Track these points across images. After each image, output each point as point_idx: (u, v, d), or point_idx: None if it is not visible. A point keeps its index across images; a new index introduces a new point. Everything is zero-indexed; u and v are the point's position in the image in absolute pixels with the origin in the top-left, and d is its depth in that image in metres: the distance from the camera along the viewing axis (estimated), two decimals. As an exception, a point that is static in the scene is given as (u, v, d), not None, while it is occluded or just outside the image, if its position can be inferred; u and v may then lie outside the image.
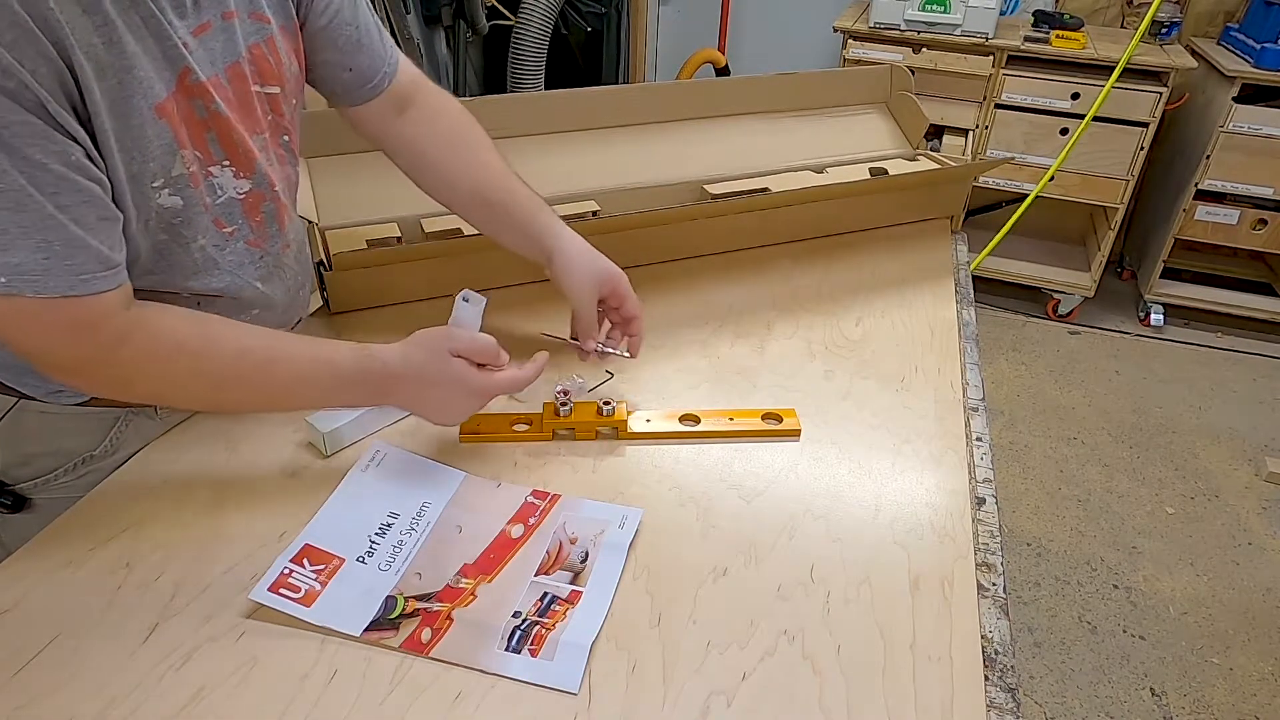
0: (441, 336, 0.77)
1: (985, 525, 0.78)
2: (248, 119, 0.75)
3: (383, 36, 0.89)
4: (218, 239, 0.76)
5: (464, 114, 0.95)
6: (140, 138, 0.65)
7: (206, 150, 0.71)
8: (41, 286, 0.60)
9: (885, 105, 1.48)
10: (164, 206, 0.69)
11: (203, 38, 0.69)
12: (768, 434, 0.88)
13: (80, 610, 0.66)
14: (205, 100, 0.69)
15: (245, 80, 0.74)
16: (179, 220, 0.71)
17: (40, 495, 0.82)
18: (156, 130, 0.66)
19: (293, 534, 0.73)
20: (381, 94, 0.89)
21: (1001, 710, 0.61)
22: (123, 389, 0.70)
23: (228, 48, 0.72)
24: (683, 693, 0.61)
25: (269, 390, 0.74)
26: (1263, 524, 2.12)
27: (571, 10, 3.07)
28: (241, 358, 0.71)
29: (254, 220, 0.79)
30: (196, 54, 0.68)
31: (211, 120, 0.71)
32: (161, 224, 0.70)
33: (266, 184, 0.78)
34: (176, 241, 0.72)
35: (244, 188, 0.76)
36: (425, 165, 0.93)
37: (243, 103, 0.74)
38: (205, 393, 0.72)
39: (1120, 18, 2.93)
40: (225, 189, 0.75)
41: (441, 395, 0.77)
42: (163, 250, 0.72)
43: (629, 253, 1.17)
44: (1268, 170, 2.57)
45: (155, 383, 0.70)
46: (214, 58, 0.71)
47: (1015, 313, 3.02)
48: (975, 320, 1.13)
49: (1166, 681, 1.72)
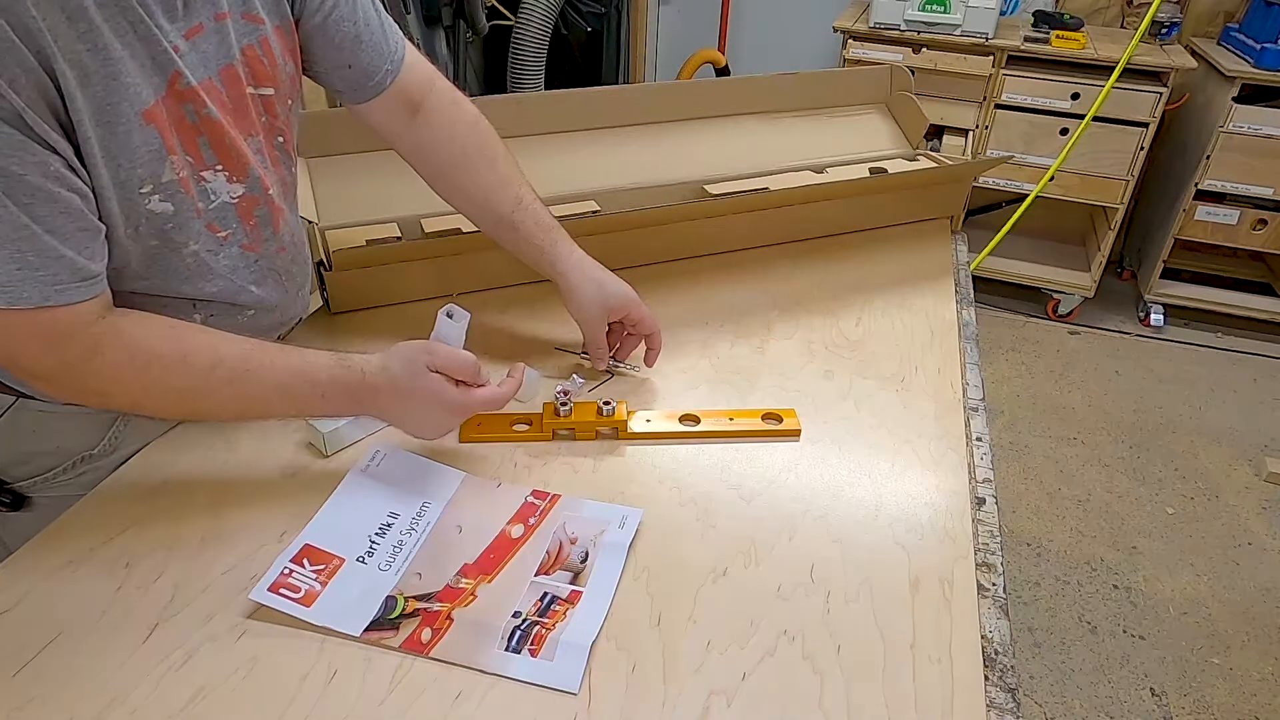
0: (420, 350, 0.76)
1: (985, 525, 0.78)
2: (242, 121, 0.75)
3: (386, 32, 0.87)
4: (211, 244, 0.75)
5: (479, 120, 0.94)
6: (127, 144, 0.64)
7: (199, 155, 0.71)
8: (14, 297, 0.60)
9: (885, 105, 1.48)
10: (154, 212, 0.69)
11: (195, 40, 0.69)
12: (768, 434, 0.88)
13: (80, 610, 0.66)
14: (196, 105, 0.69)
15: (240, 82, 0.74)
16: (170, 226, 0.71)
17: (39, 494, 0.82)
18: (144, 136, 0.65)
19: (293, 534, 0.73)
20: (386, 91, 0.87)
21: (1001, 710, 0.61)
22: (97, 398, 0.70)
23: (221, 49, 0.71)
24: (683, 693, 0.61)
25: (244, 402, 0.72)
26: (1263, 524, 2.12)
27: (571, 10, 3.07)
28: (215, 369, 0.70)
29: (248, 224, 0.78)
30: (188, 57, 0.68)
31: (203, 125, 0.70)
32: (152, 230, 0.70)
33: (260, 187, 0.78)
34: (168, 247, 0.72)
35: (237, 191, 0.76)
36: (439, 174, 0.93)
37: (237, 105, 0.74)
38: (179, 403, 0.72)
39: (1120, 18, 2.93)
40: (219, 194, 0.74)
41: (418, 409, 0.77)
42: (155, 256, 0.72)
43: (629, 253, 1.17)
44: (1268, 170, 2.57)
45: (129, 393, 0.69)
46: (207, 60, 0.70)
47: (1015, 313, 3.02)
48: (975, 320, 1.13)
49: (1166, 681, 1.72)
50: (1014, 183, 2.78)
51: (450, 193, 0.94)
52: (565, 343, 1.02)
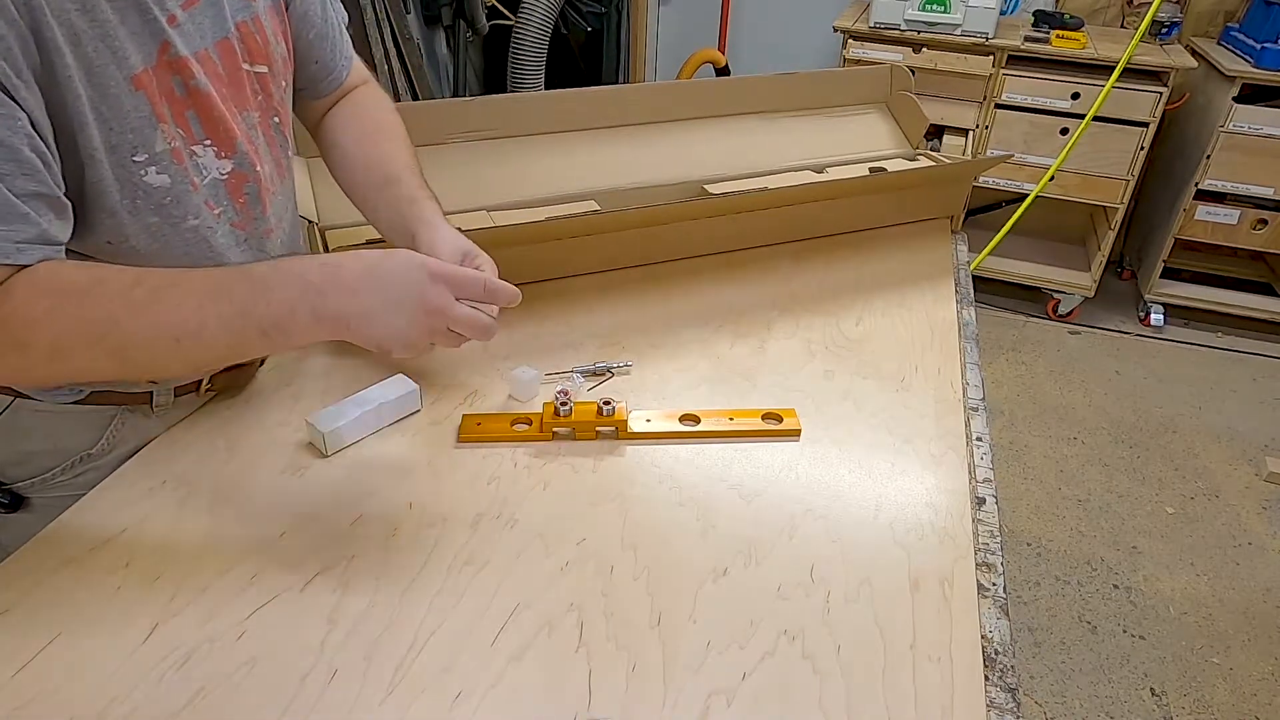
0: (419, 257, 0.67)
1: (985, 525, 0.78)
2: (236, 96, 0.75)
3: (342, 30, 0.92)
4: (210, 220, 0.75)
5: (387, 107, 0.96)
6: (117, 107, 0.64)
7: (188, 128, 0.71)
8: None
9: (885, 105, 1.48)
10: (152, 185, 0.69)
11: (191, 11, 0.69)
12: (768, 434, 0.88)
13: (80, 610, 0.66)
14: (185, 76, 0.69)
15: (235, 56, 0.74)
16: (169, 200, 0.71)
17: (38, 495, 0.82)
18: (134, 101, 0.65)
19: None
20: (338, 88, 0.92)
21: (1001, 710, 0.61)
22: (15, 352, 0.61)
23: (216, 23, 0.72)
24: (683, 693, 0.61)
25: (173, 321, 0.61)
26: (1263, 524, 2.12)
27: (571, 10, 3.07)
28: (134, 288, 0.61)
29: (238, 202, 0.78)
30: (185, 27, 0.68)
31: (191, 97, 0.70)
32: (151, 205, 0.70)
33: (249, 164, 0.77)
34: (168, 223, 0.72)
35: (226, 168, 0.75)
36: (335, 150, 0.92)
37: (232, 79, 0.74)
38: (102, 338, 0.61)
39: (1120, 18, 2.93)
40: (209, 169, 0.74)
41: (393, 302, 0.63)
42: (155, 233, 0.71)
43: (629, 253, 1.17)
44: (1268, 170, 2.57)
45: (46, 335, 0.60)
46: (203, 32, 0.71)
47: (1015, 313, 3.02)
48: (975, 320, 1.13)
49: (1166, 681, 1.72)
50: (1014, 182, 2.78)
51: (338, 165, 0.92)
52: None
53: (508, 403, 0.92)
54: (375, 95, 0.96)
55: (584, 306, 1.10)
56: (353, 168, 0.91)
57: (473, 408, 0.91)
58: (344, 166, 0.92)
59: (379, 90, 0.97)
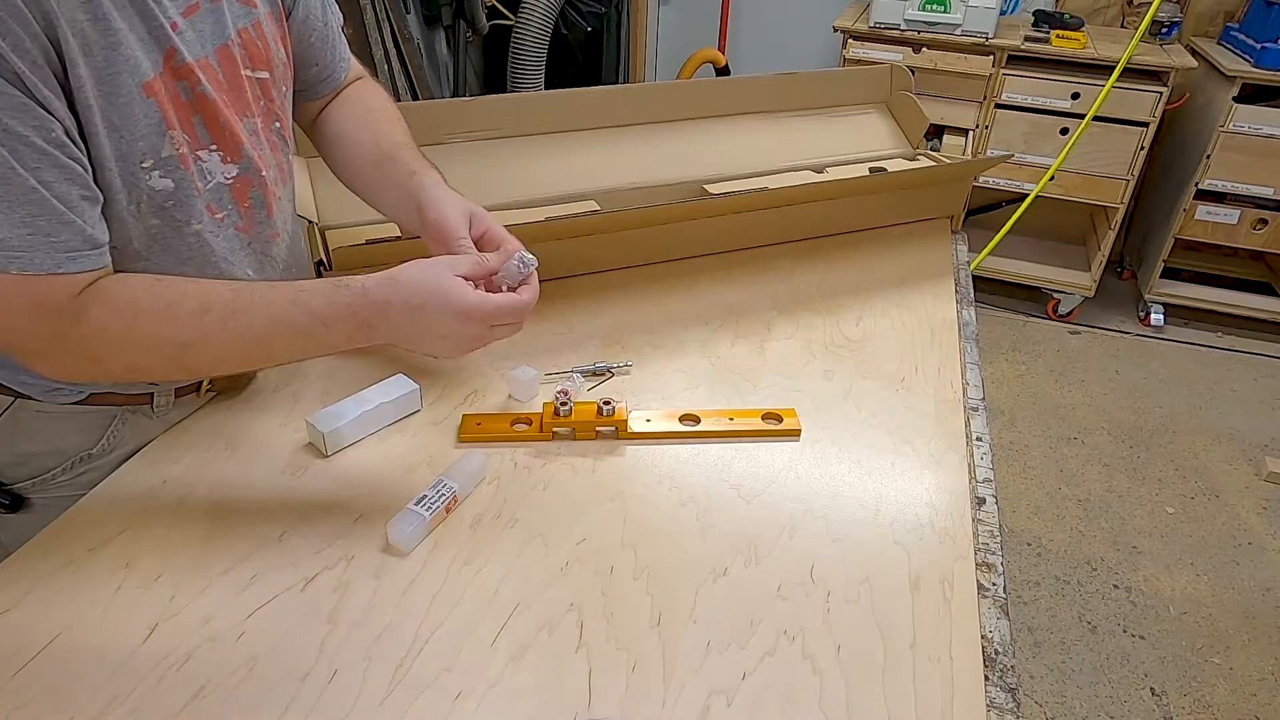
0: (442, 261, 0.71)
1: (985, 525, 0.78)
2: (237, 101, 0.75)
3: (339, 33, 0.92)
4: (212, 225, 0.75)
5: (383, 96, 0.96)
6: (128, 116, 0.65)
7: (194, 134, 0.71)
8: (26, 262, 0.59)
9: (885, 105, 1.48)
10: (155, 189, 0.69)
11: (192, 19, 0.69)
12: (768, 434, 0.88)
13: (80, 610, 0.66)
14: (191, 82, 0.69)
15: (235, 63, 0.74)
16: (171, 204, 0.71)
17: (38, 495, 0.82)
18: (145, 109, 0.65)
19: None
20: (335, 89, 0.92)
21: (1001, 710, 0.61)
22: (92, 366, 0.68)
23: (217, 29, 0.72)
24: (683, 693, 0.61)
25: (241, 345, 0.68)
26: (1263, 524, 2.12)
27: (571, 10, 3.07)
28: (204, 314, 0.66)
29: (243, 206, 0.78)
30: (186, 34, 0.68)
31: (198, 103, 0.71)
32: (153, 208, 0.70)
33: (254, 169, 0.78)
34: (170, 226, 0.72)
35: (231, 173, 0.76)
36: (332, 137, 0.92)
37: (233, 85, 0.74)
38: (175, 358, 0.68)
39: (1120, 17, 2.93)
40: (214, 174, 0.74)
41: (434, 322, 0.69)
42: (156, 236, 0.72)
43: (629, 253, 1.17)
44: (1268, 170, 2.57)
45: (123, 354, 0.67)
46: (204, 39, 0.71)
47: (1015, 313, 3.02)
48: (975, 320, 1.13)
49: (1166, 681, 1.72)
50: (1014, 182, 2.78)
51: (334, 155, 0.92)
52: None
53: (508, 403, 0.92)
54: (371, 86, 0.97)
55: (584, 306, 1.10)
56: (351, 151, 0.91)
57: (473, 408, 0.91)
58: (342, 152, 0.91)
59: (375, 83, 0.98)
